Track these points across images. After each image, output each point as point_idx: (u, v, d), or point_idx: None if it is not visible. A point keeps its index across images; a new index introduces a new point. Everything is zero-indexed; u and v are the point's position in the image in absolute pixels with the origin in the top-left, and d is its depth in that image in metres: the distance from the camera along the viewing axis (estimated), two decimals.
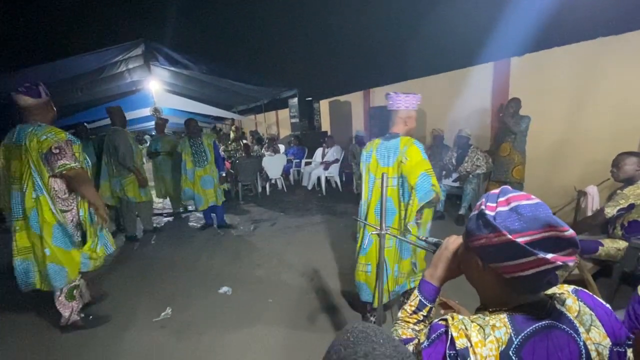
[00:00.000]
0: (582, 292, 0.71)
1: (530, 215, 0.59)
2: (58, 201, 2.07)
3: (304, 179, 6.95)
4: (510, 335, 0.62)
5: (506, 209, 0.63)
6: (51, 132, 1.99)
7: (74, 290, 2.25)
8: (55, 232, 2.07)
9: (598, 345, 0.64)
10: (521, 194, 0.64)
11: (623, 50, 3.39)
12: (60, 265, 2.10)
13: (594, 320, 0.66)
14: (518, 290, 0.65)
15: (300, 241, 3.94)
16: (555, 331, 0.63)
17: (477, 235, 0.66)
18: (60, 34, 3.38)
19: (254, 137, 8.53)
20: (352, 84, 7.25)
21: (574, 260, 0.58)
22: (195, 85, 6.93)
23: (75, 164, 2.03)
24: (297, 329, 2.26)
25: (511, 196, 0.64)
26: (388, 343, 0.46)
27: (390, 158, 2.00)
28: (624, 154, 2.28)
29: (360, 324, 0.48)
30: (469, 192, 4.23)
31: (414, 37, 3.81)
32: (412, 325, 0.86)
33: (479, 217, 0.65)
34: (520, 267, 0.59)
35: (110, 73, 5.26)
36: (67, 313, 2.24)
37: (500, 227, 0.60)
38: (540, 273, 0.58)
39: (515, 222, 0.60)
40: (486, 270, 0.67)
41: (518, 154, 3.85)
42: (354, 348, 0.44)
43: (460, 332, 0.64)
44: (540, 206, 0.61)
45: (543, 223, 0.58)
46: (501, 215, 0.62)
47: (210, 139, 4.31)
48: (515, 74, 4.41)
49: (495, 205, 0.64)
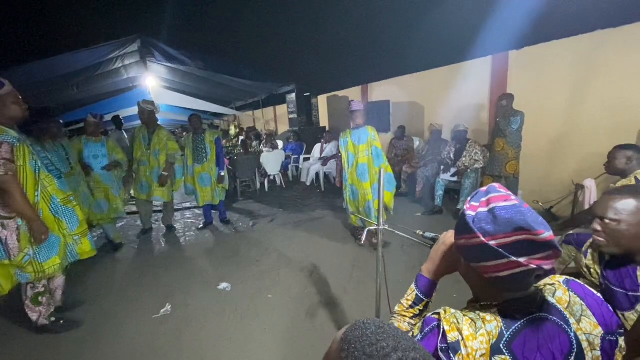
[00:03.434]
0: (573, 282, 0.72)
1: (505, 217, 0.59)
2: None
3: (303, 175, 6.94)
4: (501, 328, 0.63)
5: (485, 209, 0.63)
6: None
7: (39, 297, 2.19)
8: None
9: (589, 335, 0.64)
10: (502, 194, 0.64)
11: (622, 42, 3.38)
12: None
13: (585, 310, 0.67)
14: (501, 289, 0.66)
15: (300, 237, 3.95)
16: (545, 323, 0.64)
17: (459, 235, 0.68)
18: (55, 30, 3.33)
19: (249, 134, 8.47)
20: (350, 79, 7.21)
21: (551, 263, 0.58)
22: (192, 81, 6.88)
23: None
24: (296, 324, 2.27)
25: (492, 196, 0.64)
26: (406, 336, 0.46)
27: (362, 139, 3.23)
28: (617, 147, 2.27)
29: (372, 320, 0.48)
30: (467, 187, 4.24)
31: (412, 32, 3.78)
32: (408, 319, 0.87)
33: (461, 216, 0.67)
34: (496, 268, 0.60)
35: (106, 69, 5.21)
36: (34, 317, 2.21)
37: (475, 229, 0.61)
38: (517, 274, 0.59)
39: (489, 224, 0.61)
40: (469, 269, 0.69)
41: (511, 149, 3.86)
42: (379, 344, 0.44)
43: (452, 326, 0.65)
44: (515, 208, 0.60)
45: (515, 226, 0.58)
46: (480, 216, 0.63)
47: (214, 135, 4.26)
48: (514, 67, 4.40)
49: (477, 205, 0.65)
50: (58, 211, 2.14)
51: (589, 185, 3.05)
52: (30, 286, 2.16)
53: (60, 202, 2.16)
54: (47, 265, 2.08)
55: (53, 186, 2.14)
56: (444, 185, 4.51)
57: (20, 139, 1.92)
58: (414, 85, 6.08)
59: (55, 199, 2.13)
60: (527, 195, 4.16)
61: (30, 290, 2.17)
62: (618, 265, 1.20)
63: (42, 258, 2.05)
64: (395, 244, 3.42)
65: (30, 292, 2.17)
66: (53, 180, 2.16)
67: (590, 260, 1.35)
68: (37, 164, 2.03)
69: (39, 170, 2.04)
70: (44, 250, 2.06)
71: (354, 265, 3.08)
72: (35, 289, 2.18)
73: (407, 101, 6.24)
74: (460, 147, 4.44)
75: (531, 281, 0.64)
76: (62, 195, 2.19)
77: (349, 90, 7.94)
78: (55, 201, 2.13)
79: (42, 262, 2.05)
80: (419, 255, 3.15)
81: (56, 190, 2.15)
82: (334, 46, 4.29)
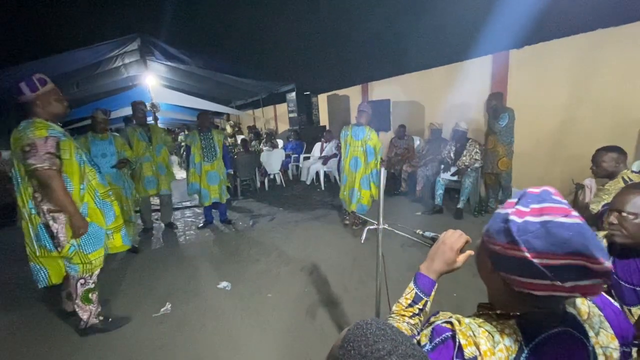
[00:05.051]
0: None
1: (562, 237, 0.51)
2: (46, 200, 1.95)
3: (303, 174, 6.94)
4: (521, 343, 0.58)
5: (536, 220, 0.54)
6: (31, 129, 1.85)
7: (90, 294, 2.19)
8: (40, 231, 1.97)
9: (606, 349, 0.62)
10: (561, 206, 0.54)
11: (622, 41, 3.37)
12: (39, 265, 2.05)
13: (603, 322, 0.64)
14: (527, 304, 0.59)
15: (299, 236, 3.95)
16: (566, 337, 0.60)
17: (494, 239, 0.59)
18: (54, 29, 3.33)
19: (250, 132, 8.48)
20: (351, 78, 7.18)
21: (597, 295, 0.52)
22: (192, 80, 6.87)
23: (42, 165, 1.83)
24: (296, 323, 2.27)
25: (547, 207, 0.55)
26: (407, 341, 0.45)
27: (359, 136, 3.72)
28: (601, 150, 2.28)
29: (375, 321, 0.48)
30: (467, 186, 4.24)
31: (412, 31, 3.76)
32: (407, 318, 0.86)
33: (503, 220, 0.57)
34: (532, 286, 0.54)
35: (106, 68, 5.20)
36: (85, 316, 2.20)
37: (521, 242, 0.53)
38: (553, 297, 0.53)
39: (539, 239, 0.52)
40: (496, 275, 0.61)
41: (502, 146, 3.93)
42: (375, 345, 0.43)
43: (469, 340, 0.59)
44: (578, 227, 0.51)
45: (573, 250, 0.50)
46: (528, 225, 0.54)
47: (221, 135, 4.29)
48: (514, 66, 4.39)
49: (527, 212, 0.56)
50: (98, 204, 2.19)
51: (589, 184, 3.03)
52: (81, 282, 2.15)
53: (100, 195, 2.21)
54: (93, 257, 2.14)
55: (95, 180, 2.19)
56: (444, 184, 4.51)
57: (65, 134, 2.01)
58: (414, 85, 6.07)
59: (97, 192, 2.19)
60: None
61: (81, 287, 2.15)
62: (627, 260, 1.22)
63: (88, 249, 2.11)
64: (395, 243, 3.43)
65: (81, 290, 2.15)
66: (95, 175, 2.21)
67: None
68: (82, 157, 2.10)
69: (84, 164, 2.11)
70: (90, 241, 2.11)
71: (353, 265, 3.09)
72: (85, 285, 2.16)
73: (407, 100, 6.23)
74: (460, 146, 4.44)
75: (563, 302, 0.59)
76: (102, 190, 2.23)
77: (349, 89, 7.94)
78: (97, 194, 2.18)
79: (88, 254, 2.10)
80: (419, 255, 3.15)
81: (97, 184, 2.20)
82: (334, 45, 4.27)
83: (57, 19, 3.31)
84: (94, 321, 2.24)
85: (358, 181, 3.76)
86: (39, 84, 1.93)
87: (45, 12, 3.19)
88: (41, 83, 1.94)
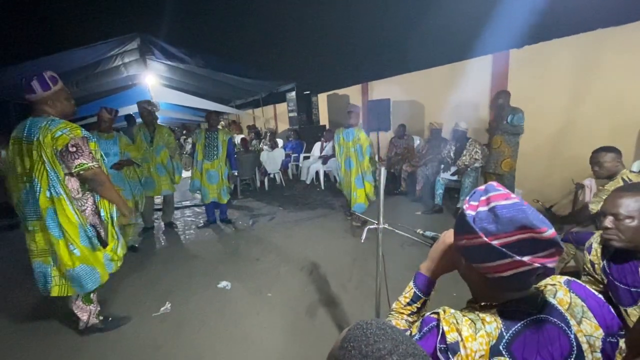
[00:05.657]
0: (574, 283, 0.71)
1: (506, 216, 0.58)
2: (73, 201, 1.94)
3: (303, 174, 6.94)
4: (501, 329, 0.62)
5: (485, 209, 0.62)
6: (66, 128, 1.83)
7: (91, 294, 2.18)
8: (81, 232, 1.95)
9: (590, 337, 0.64)
10: (501, 192, 0.63)
11: (623, 41, 3.37)
12: (91, 266, 2.01)
13: (586, 311, 0.66)
14: (502, 289, 0.66)
15: (299, 235, 3.95)
16: (545, 325, 0.64)
17: (459, 235, 0.67)
18: (54, 28, 3.32)
19: (250, 131, 8.47)
20: (351, 78, 7.18)
21: (554, 261, 0.57)
22: (192, 79, 6.86)
23: (93, 164, 1.89)
24: (296, 323, 2.27)
25: (491, 195, 0.63)
26: (408, 341, 0.46)
27: (350, 137, 3.89)
28: (600, 151, 2.27)
29: (375, 321, 0.48)
30: (468, 186, 4.24)
31: (412, 30, 3.77)
32: (406, 316, 0.87)
33: (460, 216, 0.66)
34: (499, 268, 0.59)
35: (105, 67, 5.19)
36: (85, 316, 2.19)
37: (477, 229, 0.60)
38: (520, 274, 0.58)
39: (491, 223, 0.60)
40: (471, 269, 0.67)
41: (508, 147, 3.86)
42: (376, 345, 0.44)
43: (451, 326, 0.64)
44: (517, 206, 0.59)
45: (518, 225, 0.57)
46: (480, 215, 0.62)
47: (227, 135, 4.30)
48: (514, 66, 4.39)
49: (477, 204, 0.64)
50: None
51: (589, 184, 3.04)
52: None
53: None
54: (120, 254, 2.18)
55: None
56: (444, 184, 4.51)
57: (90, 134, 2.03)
58: (414, 84, 6.07)
59: None
60: (527, 194, 4.15)
61: None
62: (621, 261, 1.21)
63: (117, 248, 2.15)
64: (396, 243, 3.43)
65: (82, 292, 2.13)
66: (109, 174, 2.22)
67: (595, 256, 1.35)
68: (102, 156, 2.12)
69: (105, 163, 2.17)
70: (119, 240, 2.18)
71: (353, 264, 3.09)
72: None
73: (407, 100, 6.23)
74: (460, 146, 4.44)
75: (532, 280, 0.64)
76: None
77: (349, 88, 7.93)
78: None
79: (118, 252, 2.15)
80: (419, 254, 3.15)
81: None
82: (334, 44, 4.28)
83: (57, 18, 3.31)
84: (94, 321, 2.23)
85: (353, 181, 3.91)
86: (51, 82, 1.89)
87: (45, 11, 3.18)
88: (53, 81, 1.91)
